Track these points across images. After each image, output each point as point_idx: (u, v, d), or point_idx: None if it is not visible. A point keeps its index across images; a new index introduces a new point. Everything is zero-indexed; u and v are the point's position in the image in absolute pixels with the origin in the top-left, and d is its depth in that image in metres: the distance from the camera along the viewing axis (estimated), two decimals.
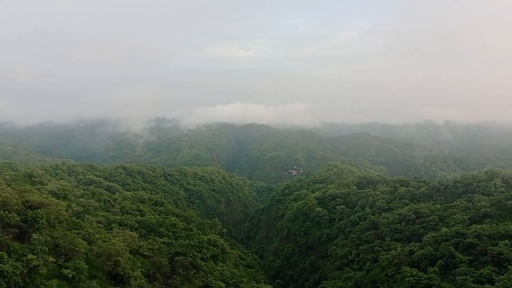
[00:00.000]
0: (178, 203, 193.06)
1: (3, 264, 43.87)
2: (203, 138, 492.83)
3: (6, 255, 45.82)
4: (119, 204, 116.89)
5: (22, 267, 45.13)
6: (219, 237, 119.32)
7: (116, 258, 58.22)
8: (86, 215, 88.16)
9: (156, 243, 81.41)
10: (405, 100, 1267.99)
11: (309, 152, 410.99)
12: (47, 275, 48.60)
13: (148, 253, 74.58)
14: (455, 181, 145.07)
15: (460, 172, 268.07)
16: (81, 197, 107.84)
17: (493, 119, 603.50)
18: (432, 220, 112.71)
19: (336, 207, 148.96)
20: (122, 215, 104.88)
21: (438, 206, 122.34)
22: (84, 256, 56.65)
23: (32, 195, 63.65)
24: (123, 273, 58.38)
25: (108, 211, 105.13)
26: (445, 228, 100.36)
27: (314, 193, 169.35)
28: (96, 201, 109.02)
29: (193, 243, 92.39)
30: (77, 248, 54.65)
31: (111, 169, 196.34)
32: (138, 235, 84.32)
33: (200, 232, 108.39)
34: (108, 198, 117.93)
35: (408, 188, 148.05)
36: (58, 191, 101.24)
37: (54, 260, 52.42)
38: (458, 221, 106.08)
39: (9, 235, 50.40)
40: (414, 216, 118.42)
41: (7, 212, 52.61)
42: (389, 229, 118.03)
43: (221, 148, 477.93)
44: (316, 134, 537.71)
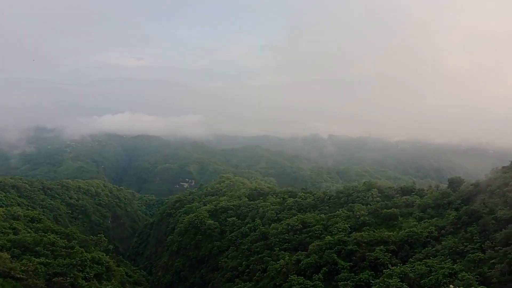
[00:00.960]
0: (59, 219, 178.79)
1: None
2: (88, 150, 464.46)
3: None
4: None
5: None
6: (104, 254, 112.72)
7: None
8: None
9: (31, 263, 74.29)
10: (294, 115, 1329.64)
11: (201, 164, 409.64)
12: None
13: (22, 276, 67.52)
14: (338, 192, 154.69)
15: (343, 183, 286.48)
16: None
17: (370, 134, 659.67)
18: (318, 229, 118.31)
19: (228, 219, 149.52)
20: None
21: (323, 215, 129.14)
22: None
23: None
24: None
25: None
26: (329, 237, 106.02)
27: (206, 205, 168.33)
28: None
29: (74, 262, 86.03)
30: None
31: None
32: (10, 256, 76.03)
33: (83, 249, 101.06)
34: None
35: (296, 199, 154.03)
36: None
37: None
38: (341, 229, 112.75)
39: None
40: (301, 226, 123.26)
41: None
42: (278, 239, 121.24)
43: (109, 160, 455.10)
44: (209, 146, 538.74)
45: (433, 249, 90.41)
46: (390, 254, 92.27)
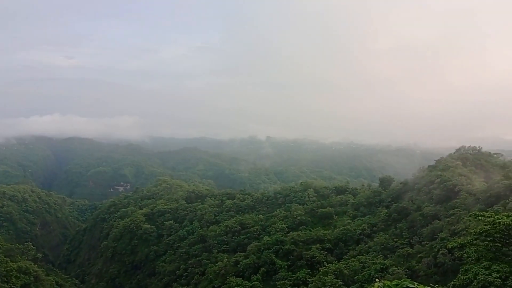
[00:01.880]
0: None
1: None
2: (14, 153, 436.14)
3: None
4: None
5: None
6: (32, 263, 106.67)
7: None
8: None
9: None
10: (232, 117, 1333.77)
11: (137, 167, 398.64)
12: None
13: None
14: (276, 193, 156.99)
15: (280, 184, 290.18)
16: None
17: (306, 135, 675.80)
18: (256, 230, 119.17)
19: (165, 222, 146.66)
20: None
21: (261, 216, 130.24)
22: None
23: None
24: None
25: None
26: (267, 237, 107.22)
27: (142, 209, 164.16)
28: None
29: None
30: None
31: None
32: None
33: (9, 259, 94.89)
34: None
35: (234, 200, 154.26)
36: None
37: None
38: (278, 229, 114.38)
39: None
40: (240, 227, 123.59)
41: None
42: (216, 242, 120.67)
43: (37, 164, 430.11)
44: (144, 148, 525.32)
45: (366, 245, 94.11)
46: (326, 252, 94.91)
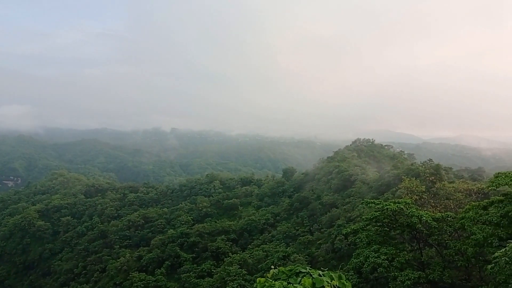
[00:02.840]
0: None
1: None
2: None
3: None
4: None
5: None
6: None
7: None
8: None
9: None
10: (134, 107, 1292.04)
11: (29, 160, 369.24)
12: None
13: None
14: (181, 185, 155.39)
15: (186, 176, 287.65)
16: None
17: (211, 127, 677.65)
18: (160, 223, 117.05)
19: (61, 218, 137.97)
20: None
21: (165, 209, 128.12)
22: None
23: None
24: None
25: None
26: (171, 230, 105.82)
27: (35, 205, 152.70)
28: None
29: None
30: None
31: None
32: None
33: None
34: None
35: (138, 194, 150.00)
36: None
37: None
38: (184, 222, 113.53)
39: None
40: (143, 221, 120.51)
41: None
42: (118, 237, 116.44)
43: None
44: (38, 140, 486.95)
45: (270, 235, 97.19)
46: (231, 243, 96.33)
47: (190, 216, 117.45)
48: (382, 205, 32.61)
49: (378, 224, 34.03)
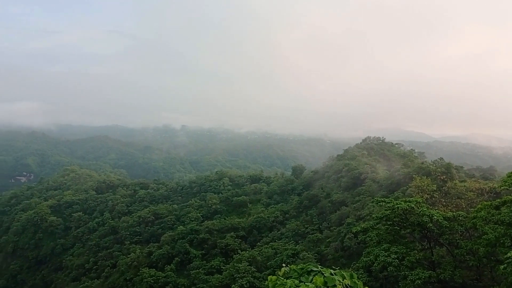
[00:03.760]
0: None
1: None
2: None
3: None
4: None
5: None
6: None
7: None
8: None
9: None
10: (145, 105, 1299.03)
11: (42, 156, 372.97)
12: None
13: None
14: (191, 182, 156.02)
15: (195, 173, 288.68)
16: None
17: (220, 125, 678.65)
18: (170, 220, 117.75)
19: (73, 214, 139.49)
20: None
21: (175, 206, 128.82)
22: None
23: None
24: None
25: None
26: (181, 227, 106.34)
27: (48, 201, 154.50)
28: None
29: None
30: None
31: None
32: None
33: None
34: None
35: (148, 190, 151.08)
36: None
37: None
38: (193, 218, 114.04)
39: None
40: (153, 218, 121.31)
41: None
42: (128, 233, 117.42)
43: None
44: (50, 136, 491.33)
45: (279, 232, 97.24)
46: (240, 240, 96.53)
47: (199, 213, 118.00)
48: (392, 203, 32.49)
49: (389, 223, 33.91)
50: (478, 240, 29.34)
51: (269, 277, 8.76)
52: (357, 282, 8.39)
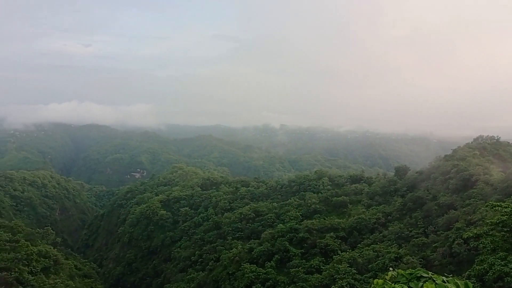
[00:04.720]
0: (2, 212, 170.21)
1: None
2: (33, 139, 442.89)
3: None
4: None
5: None
6: (52, 247, 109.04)
7: None
8: None
9: None
10: (245, 105, 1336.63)
11: (153, 154, 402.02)
12: None
13: None
14: (290, 181, 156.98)
15: (294, 172, 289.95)
16: None
17: (319, 124, 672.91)
18: (270, 217, 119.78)
19: (180, 209, 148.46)
20: None
21: (275, 204, 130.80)
22: None
23: None
24: None
25: None
26: (281, 225, 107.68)
27: (158, 196, 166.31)
28: None
29: (19, 256, 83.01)
30: None
31: None
32: None
33: (29, 243, 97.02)
34: None
35: (249, 188, 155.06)
36: None
37: None
38: (292, 217, 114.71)
39: None
40: (254, 215, 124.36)
41: None
42: (230, 228, 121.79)
43: (56, 151, 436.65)
44: (160, 136, 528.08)
45: (380, 234, 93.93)
46: (340, 241, 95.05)
47: (299, 212, 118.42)
48: (510, 208, 29.88)
49: (505, 229, 31.24)
50: None
51: (375, 280, 8.68)
52: None
